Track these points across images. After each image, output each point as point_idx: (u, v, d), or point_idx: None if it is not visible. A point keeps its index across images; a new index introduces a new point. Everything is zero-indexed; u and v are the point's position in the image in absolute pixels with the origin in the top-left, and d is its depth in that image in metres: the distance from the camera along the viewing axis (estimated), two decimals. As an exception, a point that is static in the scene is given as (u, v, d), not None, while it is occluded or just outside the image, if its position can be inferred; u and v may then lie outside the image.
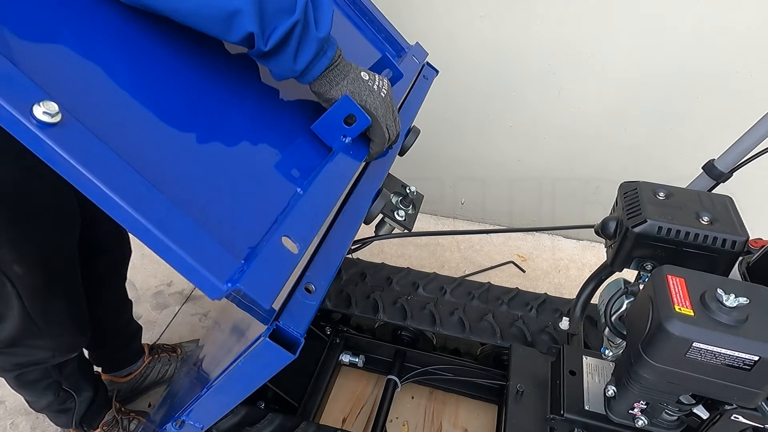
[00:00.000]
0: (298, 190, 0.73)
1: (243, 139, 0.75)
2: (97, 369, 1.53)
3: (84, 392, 1.33)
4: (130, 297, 1.51)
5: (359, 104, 0.80)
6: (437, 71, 1.28)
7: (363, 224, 0.91)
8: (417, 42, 1.27)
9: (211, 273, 0.52)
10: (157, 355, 1.61)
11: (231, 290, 0.52)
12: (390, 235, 1.00)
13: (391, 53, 1.21)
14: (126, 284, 1.47)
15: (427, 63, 1.28)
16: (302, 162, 0.79)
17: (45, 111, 0.47)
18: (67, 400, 1.31)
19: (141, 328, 1.57)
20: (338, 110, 0.80)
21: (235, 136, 0.74)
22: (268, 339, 0.57)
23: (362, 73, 0.82)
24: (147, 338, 1.77)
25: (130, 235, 1.21)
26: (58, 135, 0.47)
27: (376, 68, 0.98)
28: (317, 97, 0.82)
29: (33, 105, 0.46)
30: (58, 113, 0.47)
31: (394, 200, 1.00)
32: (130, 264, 1.45)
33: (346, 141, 0.83)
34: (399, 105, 1.05)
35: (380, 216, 0.97)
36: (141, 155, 0.57)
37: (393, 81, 0.99)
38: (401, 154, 1.04)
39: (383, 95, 0.84)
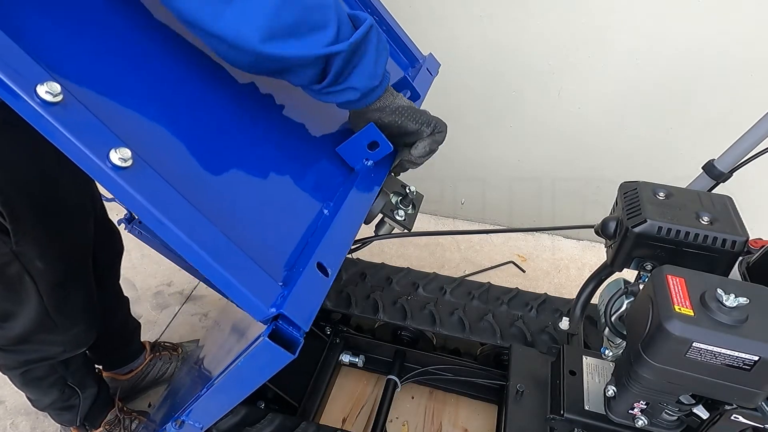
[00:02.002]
0: (325, 211, 0.77)
1: (271, 161, 0.79)
2: (98, 367, 1.53)
3: (89, 389, 1.33)
4: (129, 296, 1.51)
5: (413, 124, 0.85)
6: (439, 63, 1.28)
7: (363, 224, 0.91)
8: (430, 53, 1.28)
9: (258, 299, 0.57)
10: (158, 353, 1.61)
11: (275, 314, 0.57)
12: (390, 235, 1.00)
13: (406, 65, 1.23)
14: (125, 284, 1.48)
15: (431, 55, 1.28)
16: (326, 181, 0.84)
17: (120, 157, 0.53)
18: (72, 396, 1.31)
19: (139, 324, 1.57)
20: (364, 136, 0.84)
21: (264, 159, 0.78)
22: (267, 339, 0.57)
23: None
24: (147, 338, 1.77)
25: (124, 234, 1.22)
26: (130, 177, 0.53)
27: (396, 88, 1.00)
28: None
29: (110, 150, 0.52)
30: (130, 158, 0.53)
31: (393, 200, 1.00)
32: (130, 264, 1.45)
33: (368, 164, 0.87)
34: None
35: (380, 216, 0.97)
36: (192, 187, 0.63)
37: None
38: None
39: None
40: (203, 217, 0.57)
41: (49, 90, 0.50)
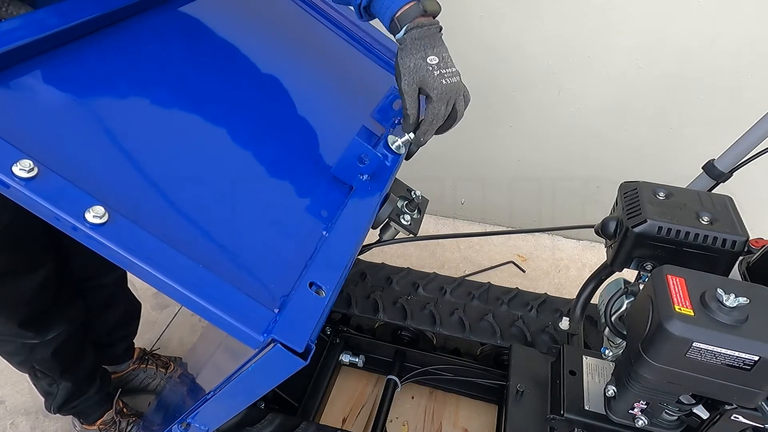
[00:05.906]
0: (324, 233, 0.77)
1: (268, 187, 0.80)
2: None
3: (64, 381, 1.31)
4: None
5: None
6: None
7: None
8: None
9: (248, 328, 0.57)
10: (144, 365, 1.60)
11: (267, 339, 0.57)
12: (394, 240, 1.00)
13: None
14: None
15: None
16: (326, 203, 0.83)
17: (95, 215, 0.56)
18: (52, 384, 1.31)
19: (131, 334, 1.57)
20: (352, 152, 0.84)
21: (261, 186, 0.79)
22: (280, 345, 0.57)
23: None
24: (147, 338, 1.78)
25: None
26: (106, 232, 0.56)
27: (388, 106, 1.01)
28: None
29: (84, 211, 0.55)
30: (105, 214, 0.56)
31: (399, 204, 1.00)
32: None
33: (364, 179, 0.86)
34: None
35: (386, 220, 0.97)
36: (175, 223, 0.65)
37: None
38: (407, 158, 1.05)
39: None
40: (185, 257, 0.58)
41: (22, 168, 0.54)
